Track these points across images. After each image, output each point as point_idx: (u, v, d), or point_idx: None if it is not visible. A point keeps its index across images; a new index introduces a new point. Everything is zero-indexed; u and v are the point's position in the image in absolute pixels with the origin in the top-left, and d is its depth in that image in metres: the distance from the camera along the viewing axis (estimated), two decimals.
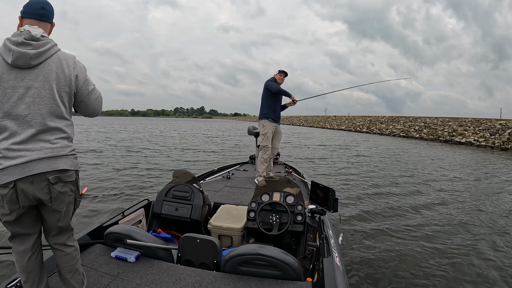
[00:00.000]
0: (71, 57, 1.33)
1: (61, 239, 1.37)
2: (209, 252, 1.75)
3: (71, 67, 1.30)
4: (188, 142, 16.05)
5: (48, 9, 1.32)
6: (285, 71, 4.48)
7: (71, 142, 1.35)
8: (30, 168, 1.19)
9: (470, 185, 6.90)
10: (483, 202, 5.40)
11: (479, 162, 11.03)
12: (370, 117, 41.42)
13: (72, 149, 1.33)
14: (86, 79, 1.37)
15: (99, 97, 1.45)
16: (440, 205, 5.15)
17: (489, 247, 3.48)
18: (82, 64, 1.37)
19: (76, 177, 1.36)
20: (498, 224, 4.26)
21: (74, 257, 1.39)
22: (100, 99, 1.46)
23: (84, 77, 1.36)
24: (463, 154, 13.85)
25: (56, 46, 1.28)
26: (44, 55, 1.23)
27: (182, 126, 35.88)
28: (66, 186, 1.30)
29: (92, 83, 1.41)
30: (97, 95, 1.43)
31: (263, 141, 4.39)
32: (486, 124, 22.08)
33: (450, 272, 2.89)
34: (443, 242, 3.59)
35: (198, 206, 2.50)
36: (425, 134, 23.85)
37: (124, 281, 1.57)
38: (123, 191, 5.49)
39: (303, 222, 2.36)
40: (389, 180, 7.25)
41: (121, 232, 1.81)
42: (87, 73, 1.39)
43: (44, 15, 1.30)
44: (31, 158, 1.19)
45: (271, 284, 1.54)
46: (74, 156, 1.35)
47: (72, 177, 1.33)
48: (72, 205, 1.37)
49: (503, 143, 17.20)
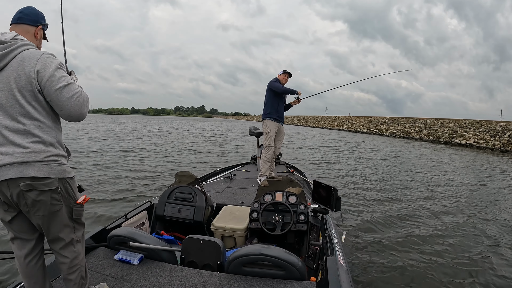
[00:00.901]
0: (38, 53, 1.23)
1: (55, 247, 1.33)
2: (212, 253, 1.74)
3: (33, 63, 1.20)
4: (190, 143, 16.06)
5: (26, 12, 1.33)
6: (289, 71, 4.46)
7: (48, 146, 1.23)
8: (3, 172, 1.17)
9: (474, 188, 6.86)
10: (487, 207, 5.34)
11: (482, 165, 10.97)
12: (370, 118, 41.31)
13: (49, 154, 1.22)
14: (53, 74, 1.20)
15: (76, 96, 1.24)
16: (443, 206, 5.13)
17: (494, 252, 3.47)
18: (51, 59, 1.24)
19: (59, 185, 1.25)
20: (503, 232, 4.21)
21: (71, 267, 1.33)
22: (78, 99, 1.24)
23: (50, 72, 1.20)
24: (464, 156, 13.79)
25: (24, 46, 1.23)
26: (8, 57, 1.20)
27: (182, 125, 35.85)
28: (43, 195, 1.21)
29: (66, 80, 1.24)
30: (71, 94, 1.22)
31: (265, 140, 4.39)
32: (486, 126, 22.03)
33: (453, 272, 2.88)
34: (447, 241, 3.58)
35: (201, 207, 2.50)
36: (425, 135, 23.80)
37: (128, 283, 1.57)
38: (125, 194, 5.50)
39: (306, 221, 2.36)
40: (391, 180, 7.23)
41: (124, 235, 1.82)
42: (57, 68, 1.23)
43: (20, 18, 1.32)
44: (3, 162, 1.17)
45: (275, 284, 1.54)
46: (56, 162, 1.24)
47: (52, 185, 1.22)
48: (60, 215, 1.28)
49: (503, 145, 17.13)
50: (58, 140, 1.28)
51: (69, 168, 1.31)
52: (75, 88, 1.26)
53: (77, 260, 1.35)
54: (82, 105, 1.26)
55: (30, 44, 1.27)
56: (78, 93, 1.25)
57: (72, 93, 1.23)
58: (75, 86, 1.26)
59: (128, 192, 5.62)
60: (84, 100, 1.27)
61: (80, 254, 1.38)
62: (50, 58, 1.25)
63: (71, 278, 1.34)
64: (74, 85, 1.26)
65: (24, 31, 1.31)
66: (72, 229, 1.34)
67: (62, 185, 1.26)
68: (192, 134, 23.49)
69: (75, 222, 1.35)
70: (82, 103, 1.26)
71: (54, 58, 1.27)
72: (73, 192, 1.31)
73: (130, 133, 21.35)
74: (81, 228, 1.40)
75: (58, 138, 1.29)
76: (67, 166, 1.30)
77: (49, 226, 1.28)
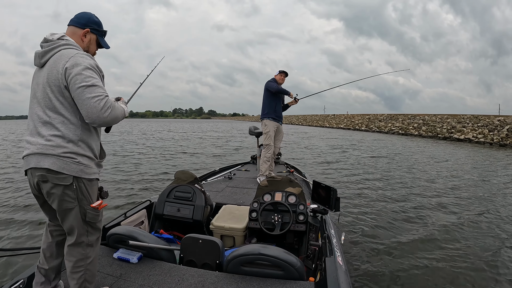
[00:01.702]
0: (72, 52, 1.28)
1: (68, 241, 1.36)
2: (211, 253, 1.74)
3: (65, 60, 1.25)
4: (190, 143, 16.07)
5: (78, 15, 1.42)
6: (286, 71, 4.49)
7: (68, 143, 1.26)
8: (29, 161, 1.29)
9: (475, 184, 6.87)
10: (491, 204, 5.36)
11: (484, 160, 10.98)
12: (368, 115, 41.37)
13: (67, 150, 1.25)
14: (80, 72, 1.23)
15: (98, 99, 1.23)
16: (444, 205, 5.13)
17: (496, 246, 3.47)
18: (84, 59, 1.27)
19: (74, 183, 1.27)
20: (504, 227, 4.23)
21: (75, 267, 1.33)
22: (99, 102, 1.23)
23: (77, 70, 1.23)
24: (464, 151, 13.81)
25: (64, 45, 1.31)
26: (48, 54, 1.30)
27: (184, 128, 35.82)
28: (56, 188, 1.26)
29: (92, 81, 1.24)
30: (93, 95, 1.23)
31: (265, 140, 4.40)
32: (484, 120, 22.13)
33: (453, 271, 2.88)
34: (446, 240, 3.58)
35: (200, 206, 2.50)
36: (424, 132, 23.84)
37: (126, 282, 1.57)
38: (125, 192, 5.50)
39: (305, 221, 2.36)
40: (391, 179, 7.23)
41: (123, 234, 1.82)
42: (86, 68, 1.25)
43: (71, 20, 1.42)
44: (28, 151, 1.28)
45: (273, 284, 1.54)
46: (73, 160, 1.26)
47: (66, 181, 1.25)
48: (73, 214, 1.30)
49: (501, 139, 17.23)
50: (81, 138, 1.29)
51: (90, 169, 1.32)
52: (100, 92, 1.25)
53: (83, 262, 1.34)
54: (102, 108, 1.24)
55: (72, 45, 1.33)
56: (100, 96, 1.24)
57: (93, 95, 1.23)
58: (100, 89, 1.26)
59: (127, 190, 5.62)
60: (105, 105, 1.25)
61: (89, 258, 1.36)
62: (83, 57, 1.28)
63: (74, 277, 1.34)
64: (99, 89, 1.26)
65: (72, 33, 1.39)
66: (85, 231, 1.34)
67: (77, 184, 1.28)
68: (193, 136, 23.49)
69: (89, 226, 1.35)
70: (103, 107, 1.24)
71: (88, 58, 1.29)
72: (88, 194, 1.31)
73: (130, 136, 21.35)
74: (95, 233, 1.39)
75: (83, 137, 1.30)
76: (88, 166, 1.31)
77: (63, 221, 1.33)
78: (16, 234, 3.56)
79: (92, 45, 1.45)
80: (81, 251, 1.34)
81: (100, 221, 1.40)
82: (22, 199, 4.96)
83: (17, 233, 3.59)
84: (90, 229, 1.36)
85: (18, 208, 4.53)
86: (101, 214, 1.41)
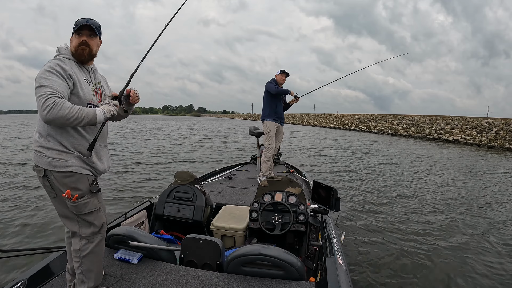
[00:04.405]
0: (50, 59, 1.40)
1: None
2: (211, 253, 1.75)
3: None
4: (188, 143, 16.06)
5: None
6: (286, 71, 4.50)
7: (40, 138, 1.38)
8: None
9: (473, 185, 6.88)
10: (489, 205, 5.38)
11: (477, 162, 10.99)
12: (358, 115, 41.28)
13: (38, 145, 1.38)
14: (38, 76, 1.31)
15: (39, 98, 1.25)
16: (444, 204, 5.13)
17: (490, 246, 3.47)
18: (47, 64, 1.35)
19: (47, 175, 1.37)
20: (495, 224, 4.24)
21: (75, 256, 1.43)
22: (40, 100, 1.25)
23: (37, 75, 1.32)
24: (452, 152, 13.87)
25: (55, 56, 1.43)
26: None
27: (176, 125, 35.78)
28: (40, 179, 1.41)
29: (41, 82, 1.28)
30: (38, 95, 1.26)
31: (266, 140, 4.41)
32: (473, 122, 22.25)
33: (453, 271, 2.88)
34: (447, 240, 3.58)
35: (200, 207, 2.50)
36: (413, 132, 23.93)
37: (127, 282, 1.57)
38: (125, 193, 5.50)
39: (306, 221, 2.36)
40: (390, 179, 7.24)
41: (123, 234, 1.82)
42: (45, 71, 1.31)
43: None
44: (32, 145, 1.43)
45: (274, 284, 1.54)
46: (41, 153, 1.36)
47: (41, 173, 1.38)
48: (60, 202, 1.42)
49: (489, 141, 17.29)
50: (49, 133, 1.37)
51: (61, 162, 1.36)
52: (44, 91, 1.26)
53: (78, 254, 1.42)
54: (42, 106, 1.24)
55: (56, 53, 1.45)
56: (43, 95, 1.25)
57: (39, 94, 1.26)
58: (46, 89, 1.26)
59: (127, 191, 5.62)
60: (45, 103, 1.24)
61: (84, 251, 1.42)
62: (50, 62, 1.36)
63: (76, 266, 1.43)
64: (45, 88, 1.26)
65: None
66: (76, 222, 1.43)
67: (49, 176, 1.37)
68: (188, 136, 23.48)
69: (77, 217, 1.42)
70: (42, 105, 1.24)
71: (52, 61, 1.36)
72: (59, 185, 1.37)
73: (126, 133, 21.37)
74: (88, 226, 1.44)
75: (50, 132, 1.37)
76: (57, 159, 1.36)
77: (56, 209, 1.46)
78: (17, 234, 3.56)
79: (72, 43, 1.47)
80: (77, 242, 1.43)
81: (90, 214, 1.43)
82: (24, 198, 4.96)
83: (17, 233, 3.59)
84: (81, 221, 1.43)
85: (19, 208, 4.53)
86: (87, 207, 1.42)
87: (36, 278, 1.53)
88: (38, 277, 1.54)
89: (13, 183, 6.07)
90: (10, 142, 14.16)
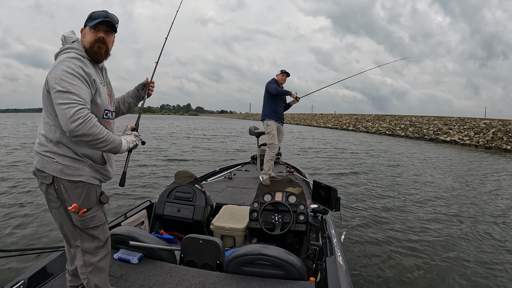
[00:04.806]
0: (63, 56, 1.23)
1: None
2: (212, 253, 1.74)
3: (55, 64, 1.21)
4: (188, 143, 16.06)
5: None
6: (287, 71, 4.50)
7: (49, 142, 1.24)
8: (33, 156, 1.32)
9: (465, 186, 6.88)
10: (489, 208, 5.38)
11: (473, 162, 10.99)
12: (356, 115, 41.37)
13: (47, 149, 1.23)
14: (59, 78, 1.15)
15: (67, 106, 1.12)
16: (441, 206, 5.14)
17: (491, 245, 3.47)
18: (67, 63, 1.19)
19: (55, 183, 1.23)
20: (496, 224, 4.24)
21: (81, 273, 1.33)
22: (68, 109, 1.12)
23: (57, 75, 1.15)
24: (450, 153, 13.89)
25: (65, 50, 1.27)
26: (58, 56, 1.28)
27: (177, 125, 35.73)
28: (42, 186, 1.28)
29: (67, 87, 1.14)
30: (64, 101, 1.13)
31: (269, 139, 4.44)
32: (470, 123, 22.34)
33: (453, 271, 2.88)
34: (447, 240, 3.58)
35: (200, 206, 2.50)
36: (410, 133, 24.00)
37: (127, 282, 1.57)
38: (125, 193, 5.49)
39: (306, 221, 2.36)
40: (388, 179, 7.25)
41: (123, 234, 1.82)
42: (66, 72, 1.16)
43: None
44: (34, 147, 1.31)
45: (274, 284, 1.54)
46: (51, 159, 1.22)
47: (47, 180, 1.24)
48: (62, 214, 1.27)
49: (487, 142, 17.38)
50: (60, 140, 1.23)
51: (73, 171, 1.24)
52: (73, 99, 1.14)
53: (84, 270, 1.31)
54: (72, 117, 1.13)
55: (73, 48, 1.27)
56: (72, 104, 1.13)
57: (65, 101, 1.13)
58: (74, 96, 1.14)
59: (127, 191, 5.62)
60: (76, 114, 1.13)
61: (90, 266, 1.31)
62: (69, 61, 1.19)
63: (85, 283, 1.34)
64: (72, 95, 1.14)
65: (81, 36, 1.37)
66: (78, 235, 1.30)
67: (57, 184, 1.24)
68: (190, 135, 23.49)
69: (80, 230, 1.29)
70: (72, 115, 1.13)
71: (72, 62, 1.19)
72: (68, 196, 1.24)
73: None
74: (91, 240, 1.32)
75: (62, 139, 1.23)
76: (70, 167, 1.24)
77: (55, 220, 1.33)
78: (17, 234, 3.56)
79: (85, 37, 1.31)
80: (80, 257, 1.30)
81: (95, 228, 1.31)
82: (25, 198, 4.96)
83: (17, 234, 3.59)
84: (85, 234, 1.30)
85: (20, 208, 4.53)
86: (94, 221, 1.30)
87: (36, 278, 1.53)
88: (38, 277, 1.54)
89: (13, 184, 6.06)
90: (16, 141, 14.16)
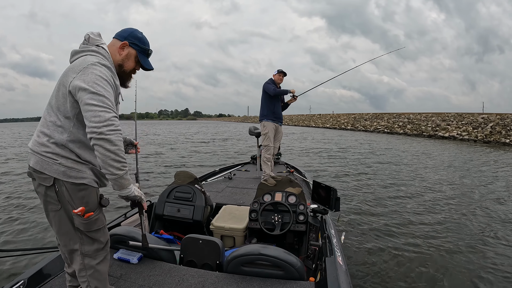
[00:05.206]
0: (88, 60, 1.21)
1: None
2: (211, 253, 1.75)
3: (79, 67, 1.19)
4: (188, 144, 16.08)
5: (123, 29, 1.41)
6: (284, 71, 4.51)
7: (52, 144, 1.20)
8: (28, 156, 1.28)
9: (466, 181, 6.88)
10: (490, 203, 5.38)
11: (472, 157, 10.99)
12: (354, 115, 41.47)
13: (49, 150, 1.19)
14: (93, 81, 1.15)
15: (102, 108, 1.13)
16: (443, 203, 5.13)
17: (493, 245, 3.47)
18: (100, 69, 1.19)
19: (57, 186, 1.20)
20: (497, 221, 4.24)
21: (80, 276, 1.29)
22: (103, 112, 1.12)
23: (90, 79, 1.15)
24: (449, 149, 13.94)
25: (89, 51, 1.27)
26: (77, 55, 1.27)
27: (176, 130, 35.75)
28: (40, 187, 1.23)
29: (101, 91, 1.14)
30: (99, 103, 1.12)
31: (264, 140, 4.43)
32: (468, 118, 22.43)
33: (453, 271, 2.88)
34: (447, 240, 3.58)
35: (200, 207, 2.50)
36: (409, 130, 24.07)
37: (127, 282, 1.57)
38: None
39: (305, 221, 2.36)
40: (387, 177, 7.24)
41: (123, 234, 1.82)
42: (99, 76, 1.17)
43: (116, 33, 1.41)
44: (29, 145, 1.27)
45: (274, 284, 1.54)
46: (54, 160, 1.19)
47: (47, 182, 1.20)
48: (62, 216, 1.24)
49: (485, 136, 17.53)
50: (66, 144, 1.21)
51: (76, 173, 1.22)
52: (108, 104, 1.15)
53: (84, 273, 1.28)
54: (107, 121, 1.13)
55: (100, 53, 1.28)
56: (107, 109, 1.14)
57: (100, 103, 1.13)
58: (109, 102, 1.15)
59: None
60: (112, 121, 1.14)
61: (90, 270, 1.29)
62: (101, 67, 1.20)
63: (84, 286, 1.30)
64: (108, 101, 1.15)
65: (111, 44, 1.37)
66: (78, 238, 1.27)
67: (59, 187, 1.21)
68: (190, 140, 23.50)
69: (81, 233, 1.26)
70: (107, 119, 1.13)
71: (104, 70, 1.20)
72: (71, 198, 1.22)
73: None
74: (92, 243, 1.29)
75: (68, 144, 1.21)
76: (73, 169, 1.21)
77: (52, 224, 1.28)
78: (17, 234, 3.56)
79: (129, 61, 1.37)
80: (79, 260, 1.28)
81: (97, 231, 1.29)
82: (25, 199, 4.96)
83: (17, 233, 3.59)
84: (85, 238, 1.27)
85: (19, 207, 4.53)
86: (97, 223, 1.28)
87: (36, 278, 1.53)
88: (38, 277, 1.54)
89: (13, 182, 6.07)
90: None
